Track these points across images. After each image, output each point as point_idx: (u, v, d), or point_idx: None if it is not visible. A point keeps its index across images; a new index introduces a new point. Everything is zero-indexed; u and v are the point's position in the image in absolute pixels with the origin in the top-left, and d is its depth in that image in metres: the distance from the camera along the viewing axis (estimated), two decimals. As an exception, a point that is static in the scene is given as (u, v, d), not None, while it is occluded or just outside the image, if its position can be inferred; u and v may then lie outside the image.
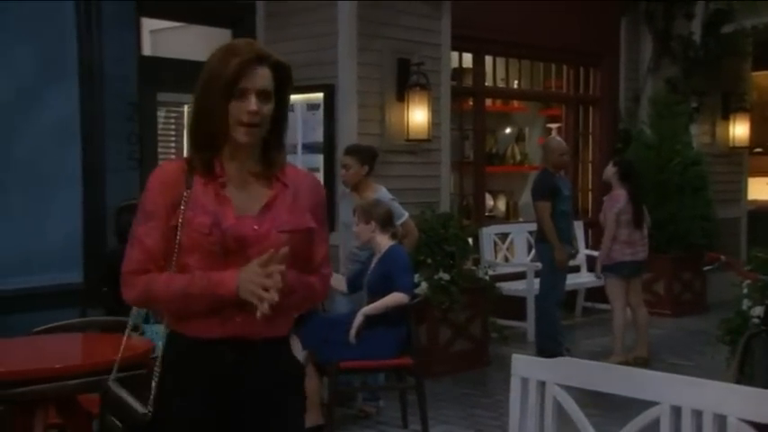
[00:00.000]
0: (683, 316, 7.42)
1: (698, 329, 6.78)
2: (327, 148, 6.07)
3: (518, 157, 8.25)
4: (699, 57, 7.73)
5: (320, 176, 6.14)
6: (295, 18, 6.12)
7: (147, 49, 6.23)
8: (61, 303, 4.51)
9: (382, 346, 4.14)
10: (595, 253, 6.55)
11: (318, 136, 6.11)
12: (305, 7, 6.06)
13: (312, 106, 6.14)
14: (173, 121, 6.43)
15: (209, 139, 1.89)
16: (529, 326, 6.44)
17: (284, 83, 1.98)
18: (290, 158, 7.59)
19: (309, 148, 6.20)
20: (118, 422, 2.01)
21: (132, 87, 5.21)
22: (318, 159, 6.13)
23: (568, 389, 2.19)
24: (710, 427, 1.94)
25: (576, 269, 7.37)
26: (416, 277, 5.42)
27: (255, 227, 1.88)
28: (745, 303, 4.33)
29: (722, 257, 4.34)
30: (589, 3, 7.57)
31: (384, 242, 4.32)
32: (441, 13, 6.40)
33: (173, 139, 6.37)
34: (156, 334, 3.90)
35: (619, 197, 5.77)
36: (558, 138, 6.83)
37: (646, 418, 2.07)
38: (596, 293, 7.13)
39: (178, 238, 1.85)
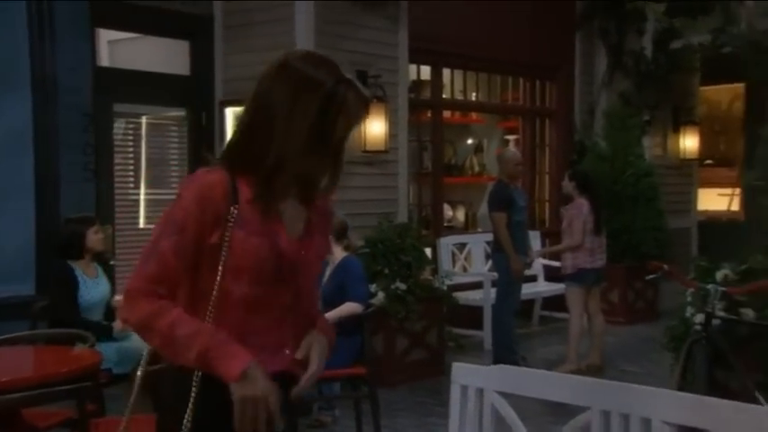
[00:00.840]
0: (635, 323, 7.57)
1: (649, 336, 6.92)
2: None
3: (476, 169, 8.37)
4: (650, 71, 7.94)
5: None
6: (253, 30, 6.15)
7: (104, 60, 6.21)
8: (13, 316, 4.46)
9: (336, 356, 4.12)
10: (554, 263, 6.69)
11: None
12: (263, 20, 6.10)
13: (270, 117, 6.17)
14: (130, 132, 6.40)
15: (281, 162, 1.63)
16: (485, 335, 6.52)
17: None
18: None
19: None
20: None
21: (87, 98, 5.18)
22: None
23: (507, 396, 2.26)
24: (638, 430, 2.02)
25: (533, 278, 7.50)
26: (373, 287, 5.48)
27: (303, 252, 1.71)
28: (688, 311, 4.45)
29: (664, 266, 4.47)
30: (545, 18, 7.73)
31: (338, 253, 4.38)
32: (398, 26, 6.49)
33: (130, 150, 6.34)
34: (111, 350, 3.95)
35: (582, 206, 5.90)
36: (513, 149, 6.96)
37: (577, 423, 2.14)
38: (553, 302, 7.25)
39: (223, 259, 1.62)
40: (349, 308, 4.21)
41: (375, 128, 6.15)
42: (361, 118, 1.69)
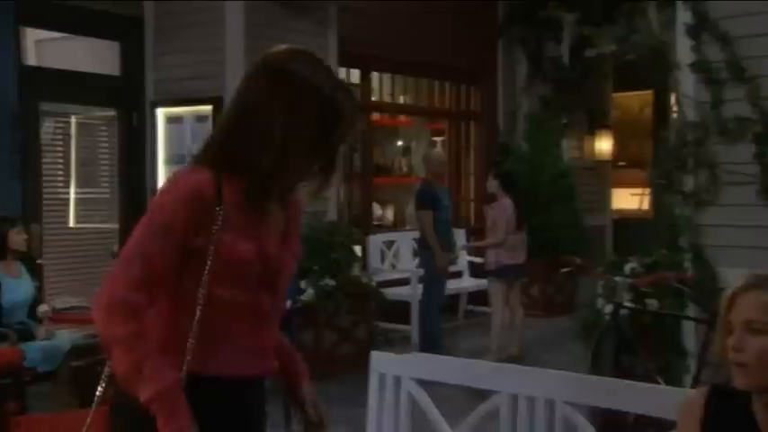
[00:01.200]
0: (554, 316, 7.77)
1: (566, 328, 7.12)
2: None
3: (404, 169, 8.47)
4: (566, 78, 8.18)
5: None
6: (184, 32, 6.07)
7: (31, 59, 6.03)
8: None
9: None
10: (478, 259, 6.83)
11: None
12: (194, 22, 6.02)
13: (201, 118, 6.10)
14: (60, 131, 6.23)
15: (281, 165, 1.54)
16: (413, 329, 6.60)
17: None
18: (179, 169, 7.56)
19: (198, 158, 6.16)
20: None
21: (13, 97, 5.02)
22: (207, 170, 6.11)
23: (424, 383, 2.32)
24: (542, 411, 2.10)
25: (459, 274, 7.63)
26: (302, 284, 5.49)
27: (283, 253, 1.64)
28: (599, 302, 4.62)
29: (576, 261, 4.62)
30: (469, 25, 7.87)
31: None
32: (327, 30, 6.50)
33: (60, 149, 6.18)
34: (36, 349, 3.84)
35: (505, 205, 6.03)
36: (438, 149, 7.08)
37: (488, 406, 2.21)
38: (477, 297, 7.39)
39: (209, 264, 1.52)
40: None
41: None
42: (354, 124, 1.66)
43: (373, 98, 7.59)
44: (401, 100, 8.09)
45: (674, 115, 4.19)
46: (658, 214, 4.74)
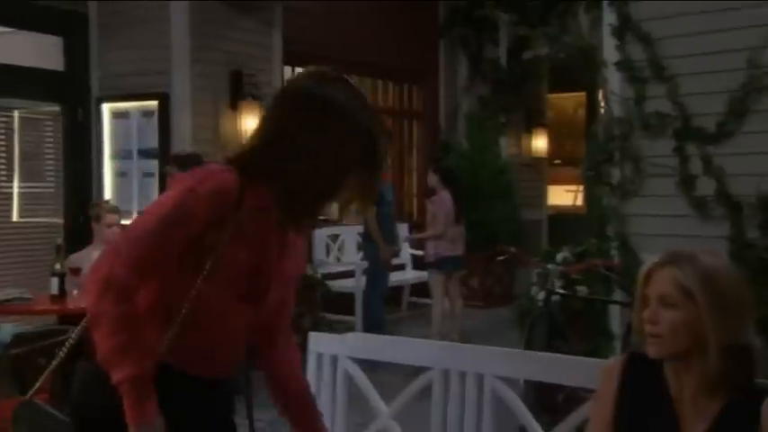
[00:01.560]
0: (493, 307, 7.90)
1: (504, 318, 7.24)
2: (162, 154, 5.96)
3: (350, 166, 8.47)
4: (505, 78, 8.32)
5: (155, 182, 6.03)
6: (128, 29, 5.96)
7: (-28, 53, 5.84)
8: None
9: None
10: (420, 252, 6.88)
11: (154, 142, 5.99)
12: (139, 19, 5.92)
13: (147, 113, 6.01)
14: (3, 125, 6.05)
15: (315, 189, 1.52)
16: (357, 319, 6.63)
17: None
18: (126, 164, 7.38)
19: (145, 153, 6.06)
20: None
21: (-49, 90, 4.85)
22: (154, 165, 6.01)
23: (360, 362, 2.34)
24: (473, 385, 2.15)
25: (402, 267, 7.68)
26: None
27: (280, 269, 1.61)
28: (533, 290, 4.72)
29: (512, 250, 4.72)
30: (412, 26, 7.93)
31: None
32: (272, 29, 6.47)
33: (3, 143, 5.99)
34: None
35: (444, 199, 6.10)
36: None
37: (421, 382, 2.25)
38: (420, 289, 7.46)
39: (209, 263, 1.48)
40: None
41: (250, 124, 6.12)
42: (386, 154, 1.67)
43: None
44: (346, 99, 8.11)
45: (602, 111, 4.32)
46: (590, 207, 4.86)
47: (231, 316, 1.56)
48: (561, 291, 4.37)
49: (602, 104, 4.32)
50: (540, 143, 8.99)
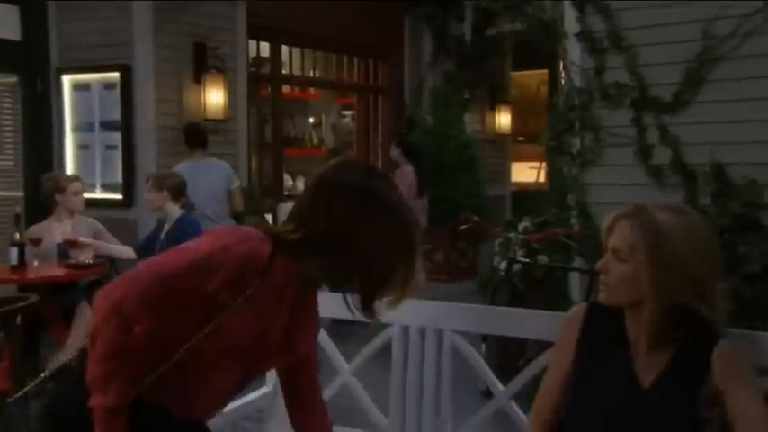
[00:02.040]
0: (457, 281, 7.95)
1: (469, 291, 7.32)
2: (125, 126, 5.86)
3: (315, 141, 8.44)
4: (469, 55, 8.33)
5: (118, 155, 5.94)
6: (89, -1, 5.84)
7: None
8: None
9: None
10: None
11: (116, 114, 5.88)
12: (100, -12, 5.80)
13: (109, 85, 5.89)
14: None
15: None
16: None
17: None
18: (87, 137, 7.31)
19: (107, 126, 5.95)
20: None
21: None
22: (116, 138, 5.91)
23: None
24: (432, 340, 2.17)
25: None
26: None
27: (287, 344, 1.61)
28: (496, 260, 4.77)
29: (474, 218, 4.75)
30: (377, 2, 7.88)
31: (175, 211, 4.28)
32: (236, 2, 6.38)
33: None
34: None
35: (407, 173, 6.11)
36: (346, 119, 7.10)
37: (382, 339, 2.27)
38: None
39: (214, 323, 1.47)
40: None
41: (214, 98, 6.05)
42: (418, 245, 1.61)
43: (283, 71, 7.51)
44: (311, 74, 8.04)
45: (563, 82, 4.35)
46: (552, 177, 4.91)
47: (221, 372, 1.56)
48: (522, 259, 4.42)
49: (563, 75, 4.36)
50: (503, 120, 9.04)
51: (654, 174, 4.02)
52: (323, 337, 2.32)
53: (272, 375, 2.34)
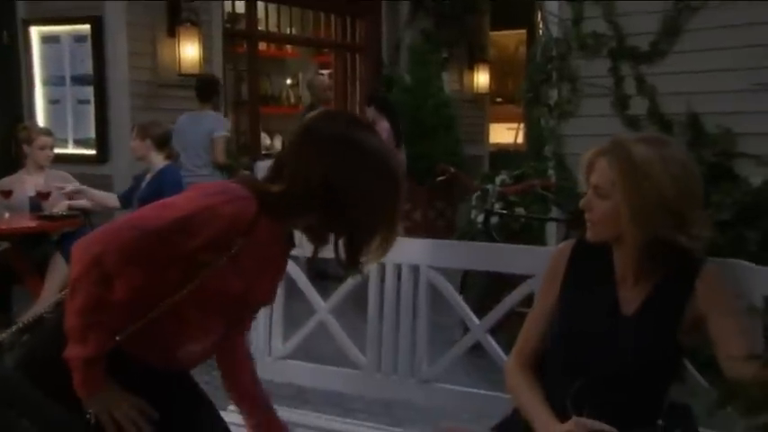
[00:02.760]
0: (436, 239, 7.97)
1: (446, 248, 7.34)
2: (97, 80, 5.73)
3: (292, 100, 8.33)
4: (447, 12, 8.23)
5: (91, 110, 5.81)
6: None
7: None
8: None
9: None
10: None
11: (87, 68, 5.74)
12: (68, -64, 5.61)
13: (79, 38, 5.74)
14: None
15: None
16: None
17: None
18: (58, 91, 7.20)
19: (79, 80, 5.81)
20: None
21: None
22: (89, 92, 5.78)
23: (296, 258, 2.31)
24: (408, 276, 2.16)
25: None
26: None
27: (268, 294, 1.63)
28: (473, 213, 4.77)
29: (451, 169, 4.74)
30: (354, -43, 7.74)
31: (158, 161, 4.25)
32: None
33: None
34: None
35: (382, 129, 6.05)
36: (322, 76, 7.01)
37: (357, 277, 2.24)
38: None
39: (197, 282, 1.46)
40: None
41: (189, 51, 5.92)
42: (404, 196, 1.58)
43: (260, 28, 7.37)
44: (287, 31, 7.90)
45: (540, 33, 4.31)
46: (530, 130, 4.89)
47: (203, 328, 1.55)
48: (500, 211, 4.42)
49: (541, 26, 4.32)
50: (481, 79, 8.98)
51: (630, 124, 4.01)
52: (299, 275, 2.30)
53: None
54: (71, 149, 5.78)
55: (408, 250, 2.16)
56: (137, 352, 1.51)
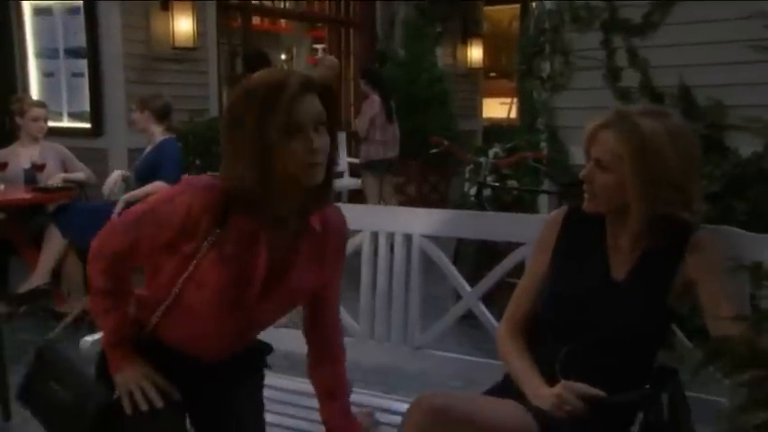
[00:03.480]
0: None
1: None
2: (91, 53, 5.67)
3: (287, 74, 8.27)
4: (441, -15, 8.16)
5: (85, 83, 5.75)
6: None
7: None
8: None
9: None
10: (355, 159, 6.83)
11: (81, 41, 5.68)
12: None
13: (72, 10, 5.66)
14: None
15: (264, 181, 1.42)
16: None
17: (331, 107, 1.49)
18: (52, 64, 7.15)
19: (72, 53, 5.75)
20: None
21: None
22: (83, 65, 5.72)
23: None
24: (401, 245, 2.15)
25: (340, 175, 7.62)
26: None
27: (278, 281, 1.54)
28: (466, 185, 4.76)
29: (444, 142, 4.72)
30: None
31: (158, 133, 4.24)
32: (202, -75, 6.13)
33: None
34: None
35: (374, 102, 6.02)
36: (331, 56, 6.98)
37: (352, 245, 2.24)
38: (358, 196, 7.45)
39: (188, 273, 1.49)
40: (158, 187, 4.08)
41: (183, 25, 5.85)
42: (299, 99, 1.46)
43: (253, 1, 7.29)
44: (282, 5, 7.82)
45: (534, 5, 4.27)
46: (523, 103, 4.86)
47: (214, 320, 1.54)
48: (492, 183, 4.41)
49: (535, -1, 4.28)
50: (475, 54, 8.92)
51: (622, 96, 3.99)
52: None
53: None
54: (66, 123, 5.73)
55: (401, 219, 2.16)
56: (168, 340, 1.60)
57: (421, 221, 2.13)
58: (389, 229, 2.16)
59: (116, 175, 4.26)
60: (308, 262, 1.58)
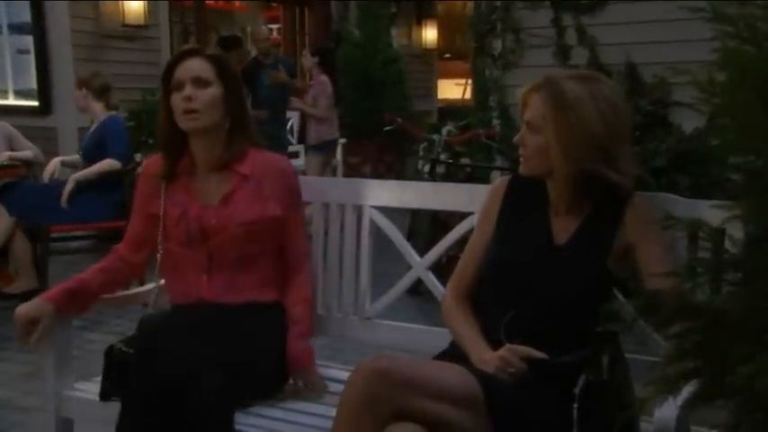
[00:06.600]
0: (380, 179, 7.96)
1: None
2: (37, 30, 5.47)
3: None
4: (395, -35, 8.10)
5: (31, 60, 5.56)
6: None
7: None
8: None
9: (95, 211, 3.98)
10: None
11: (26, 16, 5.48)
12: None
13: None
14: None
15: (169, 135, 1.89)
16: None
17: (225, 72, 1.88)
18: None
19: (17, 28, 5.55)
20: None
21: None
22: (28, 41, 5.52)
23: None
24: (351, 216, 2.14)
25: (296, 155, 7.55)
26: (138, 156, 5.21)
27: (213, 220, 1.87)
28: (420, 163, 4.76)
29: (398, 120, 4.70)
30: None
31: (99, 110, 4.15)
32: None
33: None
34: None
35: (325, 83, 5.92)
36: (263, 26, 6.86)
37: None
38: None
39: (161, 226, 1.90)
40: (107, 164, 4.02)
41: (133, 2, 5.70)
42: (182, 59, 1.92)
43: (206, -21, 7.14)
44: (236, -16, 7.68)
45: (486, -17, 4.26)
46: (476, 81, 4.87)
47: (187, 261, 1.89)
48: (446, 160, 4.42)
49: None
50: (429, 35, 8.91)
51: (571, 74, 4.02)
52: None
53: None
54: (12, 101, 5.54)
55: (351, 190, 2.14)
56: (175, 298, 1.94)
57: (371, 192, 2.12)
58: (340, 200, 2.14)
59: (54, 162, 4.23)
60: (247, 200, 1.88)
